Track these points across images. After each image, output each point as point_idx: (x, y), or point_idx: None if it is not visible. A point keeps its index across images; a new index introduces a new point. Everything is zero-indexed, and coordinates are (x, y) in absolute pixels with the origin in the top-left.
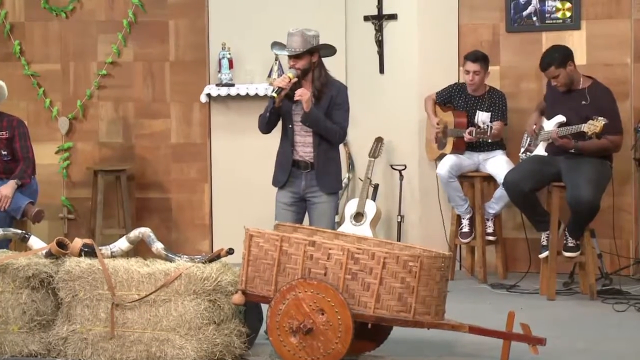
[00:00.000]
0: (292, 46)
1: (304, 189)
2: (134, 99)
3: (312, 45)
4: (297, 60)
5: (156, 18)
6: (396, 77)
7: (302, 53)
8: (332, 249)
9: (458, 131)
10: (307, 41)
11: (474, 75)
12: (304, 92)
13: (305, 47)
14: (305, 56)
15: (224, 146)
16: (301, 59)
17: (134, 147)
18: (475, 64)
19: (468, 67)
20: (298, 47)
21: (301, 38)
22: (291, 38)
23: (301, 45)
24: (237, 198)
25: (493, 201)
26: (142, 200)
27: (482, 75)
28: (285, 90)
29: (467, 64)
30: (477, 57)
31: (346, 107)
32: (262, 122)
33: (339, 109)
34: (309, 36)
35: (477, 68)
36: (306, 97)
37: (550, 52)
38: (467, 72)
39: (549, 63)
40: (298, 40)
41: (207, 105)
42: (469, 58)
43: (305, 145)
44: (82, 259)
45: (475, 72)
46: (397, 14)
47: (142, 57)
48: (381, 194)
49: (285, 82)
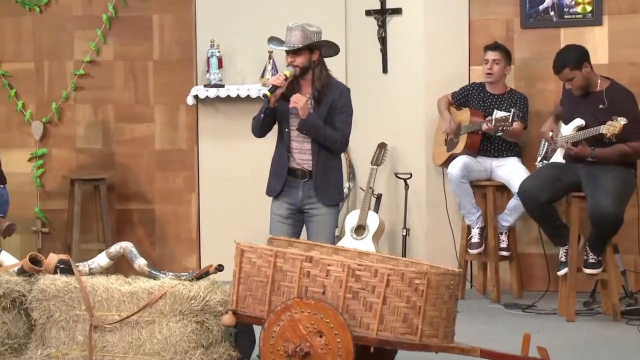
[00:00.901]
0: (290, 41)
1: (302, 200)
2: (114, 101)
3: (312, 41)
4: (295, 57)
5: (139, 13)
6: (401, 77)
7: (301, 49)
8: (331, 265)
9: (473, 126)
10: (308, 37)
11: (493, 64)
12: (299, 98)
13: (305, 42)
14: (304, 53)
15: (212, 152)
16: (300, 56)
17: (114, 153)
18: (495, 52)
19: (487, 56)
20: (297, 42)
21: (301, 33)
22: (290, 33)
23: (300, 40)
24: (228, 209)
25: (506, 213)
26: (123, 212)
27: (502, 66)
28: (280, 89)
29: (487, 53)
30: (497, 46)
31: (349, 112)
32: (256, 125)
33: (340, 113)
34: (310, 32)
35: (497, 56)
36: (302, 103)
37: (564, 52)
38: (486, 62)
39: (562, 65)
40: (298, 35)
41: (194, 108)
42: (489, 47)
43: (303, 152)
44: (57, 277)
45: (495, 60)
46: (402, 8)
47: (123, 56)
48: (385, 205)
49: (281, 79)
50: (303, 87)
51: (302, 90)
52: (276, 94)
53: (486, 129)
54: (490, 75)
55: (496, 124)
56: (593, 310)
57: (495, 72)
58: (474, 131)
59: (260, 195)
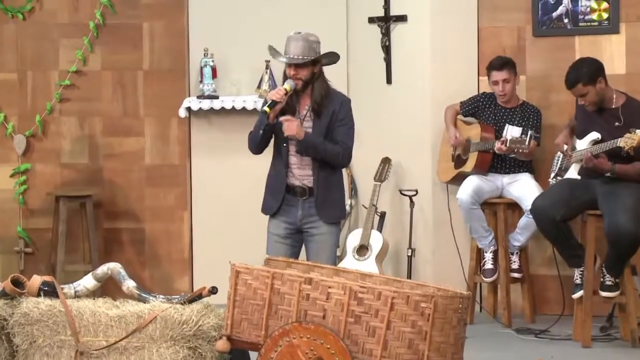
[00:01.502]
0: (294, 52)
1: (301, 219)
2: (101, 114)
3: (315, 52)
4: (299, 70)
5: (128, 20)
6: (405, 88)
7: (307, 61)
8: (332, 288)
9: (485, 144)
10: (312, 48)
11: (504, 84)
12: (290, 124)
13: (310, 54)
14: (308, 66)
15: (206, 168)
16: (304, 69)
17: (101, 169)
18: (503, 72)
19: (495, 77)
20: (300, 53)
21: (304, 43)
22: (292, 43)
23: (305, 52)
24: (222, 228)
25: (518, 232)
26: (111, 231)
27: (512, 83)
28: (280, 104)
29: (492, 74)
30: (503, 63)
31: (350, 124)
32: (253, 141)
33: (341, 125)
34: (313, 42)
35: (506, 75)
36: (294, 128)
37: (576, 66)
38: (496, 83)
39: (575, 80)
40: (301, 46)
41: (186, 121)
42: (494, 67)
43: (302, 167)
44: (41, 300)
45: (505, 80)
46: (407, 15)
47: (112, 65)
48: (389, 223)
49: (281, 94)
50: (302, 100)
51: (301, 103)
52: (275, 109)
53: (499, 151)
54: (504, 96)
55: (511, 145)
56: (610, 335)
57: (508, 92)
58: (485, 150)
59: (256, 214)
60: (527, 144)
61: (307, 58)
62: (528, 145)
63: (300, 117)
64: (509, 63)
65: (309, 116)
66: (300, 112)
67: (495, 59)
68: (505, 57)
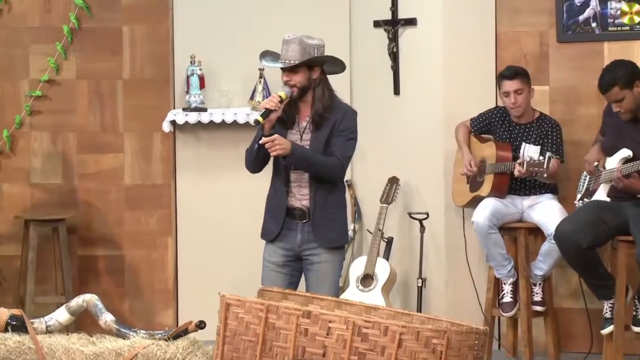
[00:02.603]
0: (286, 57)
1: (300, 245)
2: (76, 128)
3: (312, 56)
4: (291, 75)
5: (106, 23)
6: (415, 100)
7: (299, 65)
8: (333, 322)
9: (501, 166)
10: (306, 51)
11: (516, 96)
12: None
13: (303, 57)
14: (302, 70)
15: (193, 188)
16: (297, 74)
17: (76, 190)
18: (515, 81)
19: (506, 87)
20: (294, 57)
21: (299, 47)
22: (286, 46)
23: (298, 55)
24: (210, 256)
25: (540, 259)
26: (86, 259)
27: (525, 94)
28: (276, 113)
29: (503, 83)
30: (515, 73)
31: (352, 136)
32: (250, 158)
33: (340, 136)
34: (309, 45)
35: (519, 85)
36: (277, 146)
37: (612, 68)
38: (507, 94)
39: (610, 83)
40: (295, 49)
41: (171, 136)
42: (505, 76)
43: (302, 186)
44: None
45: (517, 90)
46: (417, 19)
47: (88, 74)
48: (396, 250)
49: (275, 102)
50: (302, 110)
51: (302, 113)
52: (270, 119)
53: (519, 174)
54: (517, 109)
55: (528, 169)
56: None
57: (521, 104)
58: (502, 172)
59: (249, 239)
60: (546, 167)
61: (296, 61)
62: (547, 168)
63: (299, 129)
64: (521, 72)
65: (309, 128)
66: (300, 124)
67: (506, 68)
68: (516, 66)
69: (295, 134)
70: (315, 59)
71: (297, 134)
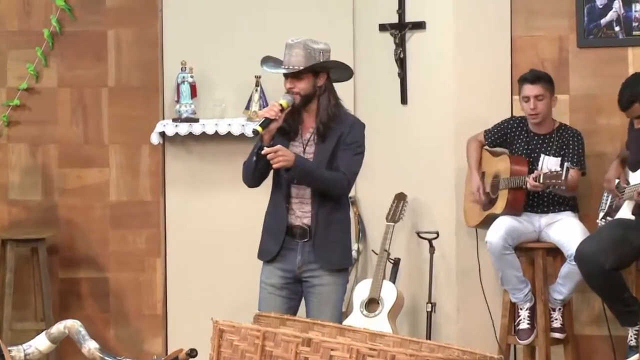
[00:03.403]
0: (289, 62)
1: (300, 266)
2: (58, 140)
3: (317, 61)
4: (295, 82)
5: (90, 27)
6: (424, 110)
7: (303, 71)
8: (336, 350)
9: (515, 180)
10: (311, 56)
11: (536, 102)
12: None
13: (308, 63)
14: (307, 76)
15: (183, 205)
16: (301, 80)
17: (57, 207)
18: (536, 86)
19: (527, 92)
20: (298, 63)
21: (303, 51)
22: (290, 51)
23: (302, 60)
24: (203, 278)
25: (559, 282)
26: (68, 282)
27: (547, 101)
28: (276, 123)
29: (524, 87)
30: (537, 77)
31: (359, 150)
32: (248, 171)
33: (346, 149)
34: (315, 50)
35: (540, 91)
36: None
37: (632, 82)
38: (526, 99)
39: (630, 99)
40: (299, 54)
41: (160, 149)
42: (526, 80)
43: (304, 202)
44: None
45: (538, 96)
46: (426, 22)
47: (70, 81)
48: (404, 272)
49: (275, 110)
50: (305, 120)
51: (305, 124)
52: (270, 129)
53: (533, 188)
54: (536, 116)
55: (545, 181)
56: None
57: (540, 111)
58: (517, 187)
59: (245, 260)
60: (564, 178)
61: (300, 67)
62: (565, 179)
63: (303, 141)
64: (544, 78)
65: (312, 140)
66: (303, 136)
67: (529, 71)
68: (540, 71)
69: (298, 146)
70: (321, 64)
71: (300, 146)
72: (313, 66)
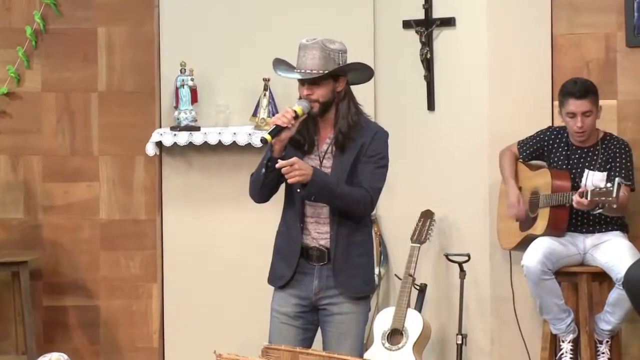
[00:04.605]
0: (306, 65)
1: (317, 292)
2: (42, 151)
3: (337, 64)
4: (313, 88)
5: (78, 24)
6: (453, 117)
7: (323, 77)
8: None
9: (559, 197)
10: (331, 58)
11: (584, 119)
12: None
13: (328, 67)
14: (327, 82)
15: (183, 225)
16: (320, 86)
17: (40, 226)
18: (585, 101)
19: (572, 107)
20: (316, 66)
21: (321, 53)
22: (306, 53)
23: (321, 63)
24: (204, 306)
25: (607, 311)
26: (54, 311)
27: (594, 118)
28: (288, 132)
29: (569, 102)
30: (585, 90)
31: (382, 163)
32: (255, 185)
33: (368, 162)
34: (333, 51)
35: (588, 107)
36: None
37: None
38: (571, 115)
39: None
40: (316, 56)
41: (156, 161)
42: (572, 93)
43: (320, 222)
44: None
45: (586, 113)
46: (455, 18)
47: (56, 85)
48: (431, 300)
49: (288, 118)
50: (323, 130)
51: (321, 134)
52: (281, 138)
53: (579, 206)
54: (582, 134)
55: (593, 198)
56: None
57: (587, 129)
58: (560, 204)
59: (253, 286)
60: (615, 196)
61: (320, 72)
62: (616, 196)
63: (319, 153)
64: (592, 90)
65: (330, 152)
66: (319, 147)
67: (572, 83)
68: (587, 82)
69: (314, 159)
70: (343, 68)
71: (316, 159)
72: (335, 70)
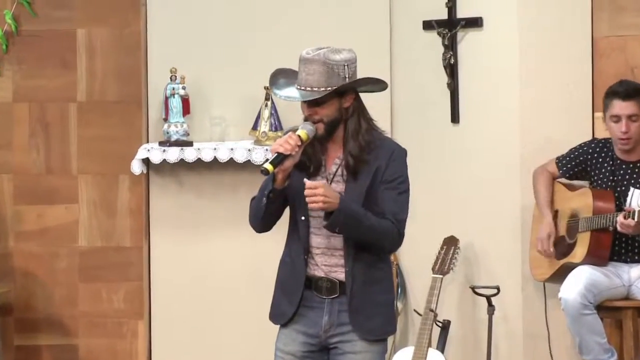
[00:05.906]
0: (306, 82)
1: (327, 329)
2: (13, 169)
3: (342, 79)
4: (316, 109)
5: (54, 25)
6: (481, 131)
7: (326, 97)
8: None
9: (601, 219)
10: (334, 72)
11: (629, 123)
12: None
13: (331, 83)
14: (331, 100)
15: (173, 253)
16: (324, 105)
17: (11, 254)
18: (630, 103)
19: (617, 109)
20: (317, 83)
21: (323, 67)
22: (306, 67)
23: (323, 79)
24: (196, 346)
25: None
26: (26, 351)
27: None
28: (291, 160)
29: (614, 104)
30: (632, 91)
31: (403, 188)
32: (256, 213)
33: (389, 188)
34: (337, 63)
35: (635, 109)
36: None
37: None
38: (616, 119)
39: None
40: (317, 71)
41: (143, 180)
42: (617, 94)
43: (330, 254)
44: None
45: (632, 116)
46: (483, 18)
47: (30, 95)
48: (455, 338)
49: (292, 144)
50: (330, 150)
51: (329, 154)
52: (284, 167)
53: (624, 229)
54: (627, 140)
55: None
56: None
57: (633, 134)
58: (603, 228)
59: (250, 322)
60: None
61: (322, 90)
62: None
63: (327, 175)
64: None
65: (340, 174)
66: (327, 168)
67: (620, 83)
68: (635, 83)
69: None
70: (349, 85)
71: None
72: (339, 88)
